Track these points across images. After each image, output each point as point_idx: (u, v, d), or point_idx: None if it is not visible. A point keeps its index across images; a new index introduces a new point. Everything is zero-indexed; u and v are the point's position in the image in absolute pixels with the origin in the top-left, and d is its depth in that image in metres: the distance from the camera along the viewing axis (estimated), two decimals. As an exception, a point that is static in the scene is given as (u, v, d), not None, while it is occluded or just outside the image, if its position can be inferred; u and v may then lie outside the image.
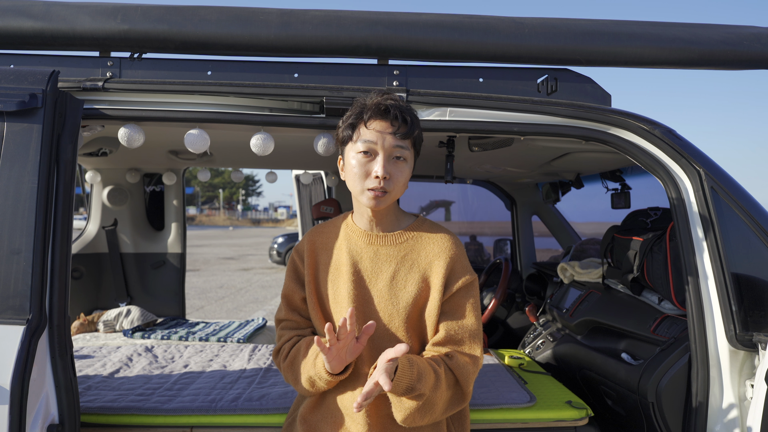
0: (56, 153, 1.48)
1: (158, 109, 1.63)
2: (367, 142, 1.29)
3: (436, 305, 1.32)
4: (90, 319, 3.23)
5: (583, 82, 1.75)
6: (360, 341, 1.25)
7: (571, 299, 2.66)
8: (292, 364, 1.37)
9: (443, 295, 1.33)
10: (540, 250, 3.90)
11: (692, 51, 1.70)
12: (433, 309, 1.33)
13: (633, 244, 2.12)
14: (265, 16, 1.65)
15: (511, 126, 1.67)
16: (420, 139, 1.37)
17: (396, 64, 1.72)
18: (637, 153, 1.65)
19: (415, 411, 1.24)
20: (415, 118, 1.34)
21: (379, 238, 1.37)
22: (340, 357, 1.24)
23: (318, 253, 1.42)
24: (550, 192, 3.34)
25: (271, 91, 1.63)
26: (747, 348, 1.55)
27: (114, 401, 1.92)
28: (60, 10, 1.63)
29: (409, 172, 1.34)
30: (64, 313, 1.46)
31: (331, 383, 1.31)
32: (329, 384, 1.31)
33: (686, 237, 1.63)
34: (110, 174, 3.50)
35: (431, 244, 1.37)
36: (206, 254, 17.39)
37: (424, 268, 1.35)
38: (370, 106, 1.32)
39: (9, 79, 1.49)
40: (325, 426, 1.35)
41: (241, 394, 2.03)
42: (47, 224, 1.44)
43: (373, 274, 1.35)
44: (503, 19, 1.71)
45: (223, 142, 2.36)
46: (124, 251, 3.64)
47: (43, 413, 1.41)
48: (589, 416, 1.90)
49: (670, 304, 2.00)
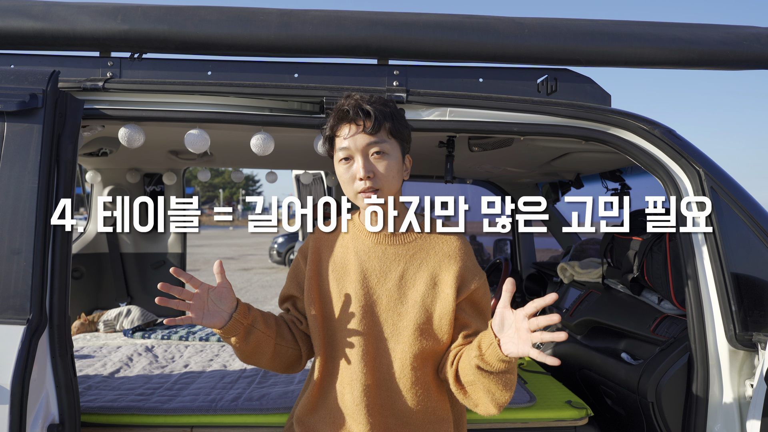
0: (56, 153, 1.48)
1: (158, 109, 1.63)
2: (343, 149, 1.30)
3: (450, 304, 1.31)
4: (90, 319, 3.23)
5: (582, 82, 1.75)
6: (219, 283, 1.26)
7: (570, 299, 2.66)
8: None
9: (459, 294, 1.32)
10: (540, 250, 3.90)
11: (692, 51, 1.70)
12: (448, 307, 1.31)
13: (633, 244, 2.12)
14: (265, 16, 1.65)
15: (511, 126, 1.67)
16: (399, 126, 1.33)
17: (396, 64, 1.72)
18: (636, 153, 1.65)
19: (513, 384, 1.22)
20: (382, 109, 1.30)
21: (386, 238, 1.37)
22: (206, 310, 1.24)
23: (322, 251, 1.41)
24: (550, 192, 3.34)
25: (271, 91, 1.63)
26: (747, 348, 1.55)
27: (114, 401, 1.92)
28: (60, 10, 1.63)
29: (395, 164, 1.32)
30: (65, 313, 1.46)
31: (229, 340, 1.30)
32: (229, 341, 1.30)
33: (686, 237, 1.63)
34: (110, 174, 3.50)
35: (440, 243, 1.37)
36: (206, 254, 17.39)
37: (433, 267, 1.34)
38: (334, 113, 1.32)
39: (9, 79, 1.49)
40: (324, 427, 1.34)
41: (241, 393, 2.03)
42: (47, 224, 1.44)
43: (382, 274, 1.34)
44: (503, 19, 1.71)
45: (223, 142, 2.36)
46: (125, 251, 3.64)
47: (44, 413, 1.41)
48: (588, 416, 1.90)
49: (670, 304, 2.00)
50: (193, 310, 1.23)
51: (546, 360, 1.06)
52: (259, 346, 1.33)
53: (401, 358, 1.30)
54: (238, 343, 1.30)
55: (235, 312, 1.28)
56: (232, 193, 68.46)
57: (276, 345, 1.36)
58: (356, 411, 1.29)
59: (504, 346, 1.14)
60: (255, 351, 1.33)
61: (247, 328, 1.30)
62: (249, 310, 1.31)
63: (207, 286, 1.26)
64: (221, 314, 1.26)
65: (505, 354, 1.13)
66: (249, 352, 1.33)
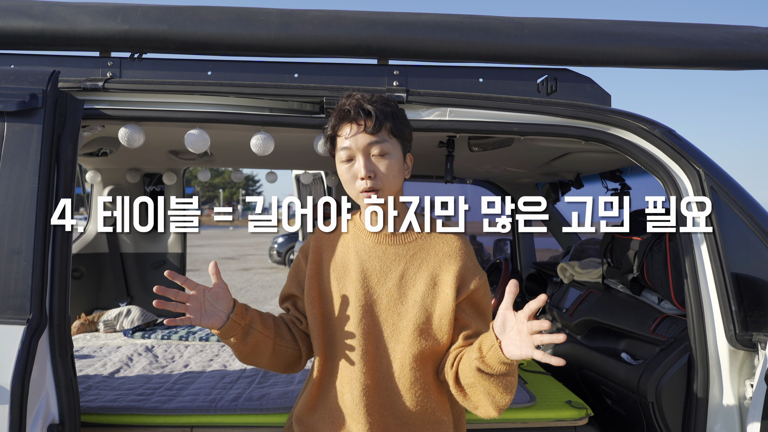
0: (56, 153, 1.48)
1: (158, 109, 1.63)
2: (344, 149, 1.30)
3: (450, 303, 1.31)
4: (90, 318, 3.23)
5: (582, 82, 1.75)
6: (215, 284, 1.26)
7: (570, 299, 2.66)
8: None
9: (459, 294, 1.32)
10: (540, 250, 3.90)
11: (692, 51, 1.70)
12: (448, 307, 1.31)
13: (633, 244, 2.12)
14: (265, 16, 1.65)
15: (511, 126, 1.67)
16: (401, 125, 1.33)
17: (396, 65, 1.72)
18: (636, 153, 1.65)
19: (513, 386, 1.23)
20: (383, 108, 1.30)
21: (387, 237, 1.37)
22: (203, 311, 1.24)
23: (323, 250, 1.42)
24: (550, 192, 3.34)
25: (271, 91, 1.64)
26: (747, 348, 1.55)
27: (114, 401, 1.92)
28: (60, 10, 1.63)
29: (396, 163, 1.32)
30: (65, 313, 1.46)
31: (227, 340, 1.30)
32: (227, 342, 1.30)
33: (686, 237, 1.63)
34: (110, 174, 3.50)
35: (441, 243, 1.37)
36: (206, 254, 17.39)
37: (434, 267, 1.34)
38: (335, 113, 1.32)
39: (9, 79, 1.49)
40: (323, 426, 1.34)
41: (241, 393, 2.03)
42: (47, 224, 1.44)
43: (382, 274, 1.34)
44: (503, 19, 1.71)
45: (223, 142, 2.36)
46: (125, 251, 3.64)
47: (44, 413, 1.41)
48: (588, 416, 1.90)
49: (670, 304, 2.00)
50: (190, 311, 1.23)
51: (550, 360, 1.06)
52: (257, 347, 1.33)
53: (401, 358, 1.30)
54: (236, 344, 1.30)
55: (232, 312, 1.28)
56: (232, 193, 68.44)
57: (275, 345, 1.36)
58: (356, 411, 1.29)
59: (506, 348, 1.14)
60: (253, 351, 1.33)
61: (244, 328, 1.30)
62: (246, 311, 1.31)
63: (203, 288, 1.26)
64: (218, 315, 1.27)
65: (507, 356, 1.13)
66: (247, 353, 1.34)
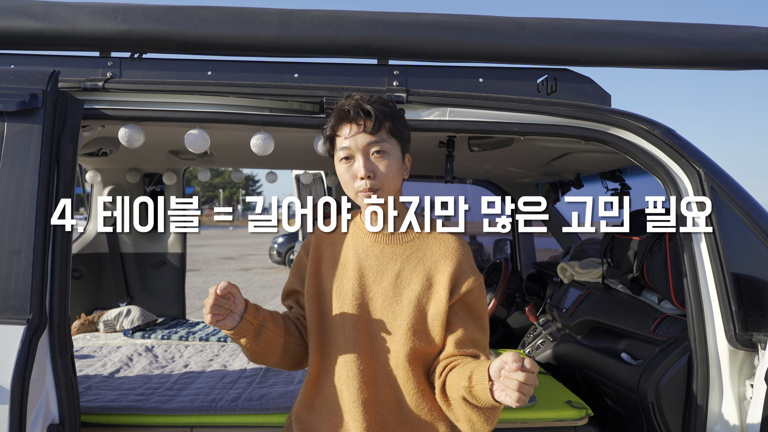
0: (56, 153, 1.48)
1: (158, 109, 1.63)
2: (343, 149, 1.31)
3: (443, 304, 1.31)
4: (90, 318, 3.23)
5: (582, 82, 1.75)
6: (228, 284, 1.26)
7: (570, 299, 2.66)
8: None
9: (452, 295, 1.33)
10: (540, 250, 3.90)
11: (692, 51, 1.70)
12: (441, 308, 1.32)
13: (632, 244, 2.12)
14: (265, 16, 1.65)
15: (511, 126, 1.67)
16: (399, 126, 1.34)
17: (396, 65, 1.72)
18: (636, 153, 1.65)
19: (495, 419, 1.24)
20: (382, 109, 1.31)
21: (385, 237, 1.38)
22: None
23: (324, 248, 1.43)
24: (550, 192, 3.34)
25: (271, 91, 1.64)
26: (747, 348, 1.55)
27: (114, 401, 1.92)
28: (60, 10, 1.63)
29: (395, 163, 1.33)
30: (65, 313, 1.46)
31: (239, 341, 1.30)
32: (239, 342, 1.31)
33: (686, 237, 1.63)
34: (110, 174, 3.50)
35: (438, 243, 1.37)
36: (206, 254, 17.39)
37: (429, 267, 1.35)
38: (335, 113, 1.33)
39: (9, 79, 1.49)
40: (321, 424, 1.35)
41: (241, 393, 2.03)
42: (47, 224, 1.44)
43: (378, 272, 1.35)
44: (503, 19, 1.71)
45: (223, 142, 2.36)
46: (125, 251, 3.64)
47: (44, 413, 1.41)
48: (588, 416, 1.90)
49: (670, 304, 2.00)
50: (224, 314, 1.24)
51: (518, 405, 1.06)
52: (269, 345, 1.34)
53: (395, 356, 1.31)
54: (248, 344, 1.31)
55: (245, 313, 1.29)
56: (232, 193, 68.43)
57: (285, 343, 1.37)
58: (353, 408, 1.30)
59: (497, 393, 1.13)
60: (265, 350, 1.34)
61: (257, 328, 1.30)
62: (258, 311, 1.32)
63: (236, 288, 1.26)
64: (232, 316, 1.27)
65: (497, 400, 1.13)
66: (259, 352, 1.34)
